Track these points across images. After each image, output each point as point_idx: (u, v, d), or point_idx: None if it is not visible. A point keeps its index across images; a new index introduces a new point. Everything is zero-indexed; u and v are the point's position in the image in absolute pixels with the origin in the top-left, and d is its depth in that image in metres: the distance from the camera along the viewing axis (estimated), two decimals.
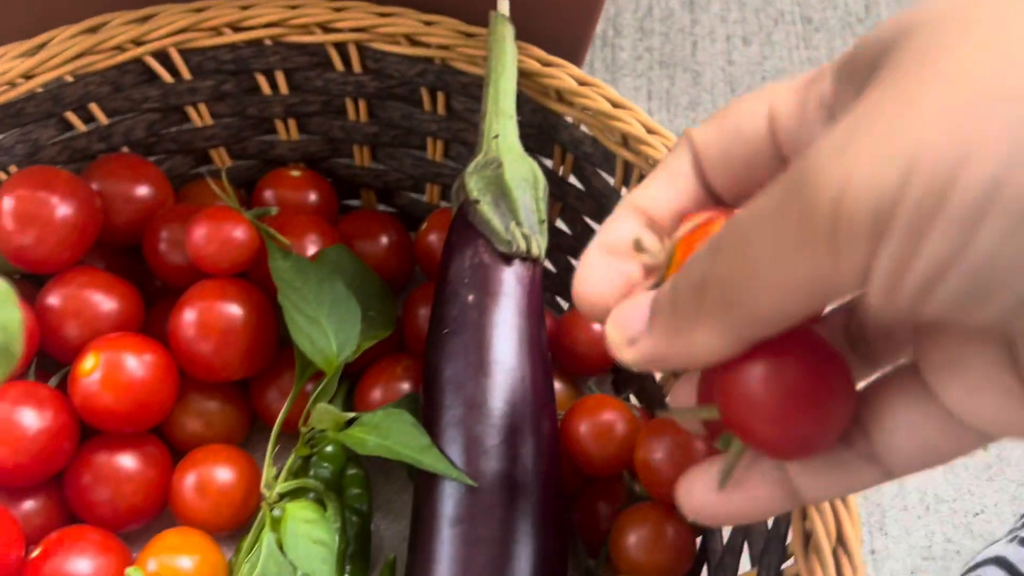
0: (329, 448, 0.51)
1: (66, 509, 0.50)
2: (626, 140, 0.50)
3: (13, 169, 0.53)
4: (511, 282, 0.49)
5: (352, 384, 0.55)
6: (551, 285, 0.61)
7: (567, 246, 0.58)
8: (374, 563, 0.51)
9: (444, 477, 0.45)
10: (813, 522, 0.39)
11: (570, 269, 0.59)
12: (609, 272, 0.31)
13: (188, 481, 0.49)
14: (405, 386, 0.52)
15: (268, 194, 0.58)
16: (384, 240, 0.58)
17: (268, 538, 0.44)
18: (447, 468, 0.44)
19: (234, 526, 0.50)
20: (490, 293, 0.49)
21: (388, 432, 0.47)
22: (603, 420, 0.49)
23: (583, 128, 0.53)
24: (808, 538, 0.39)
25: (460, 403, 0.47)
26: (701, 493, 0.30)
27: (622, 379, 0.59)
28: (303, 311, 0.49)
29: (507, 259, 0.50)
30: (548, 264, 0.61)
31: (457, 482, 0.44)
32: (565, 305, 0.62)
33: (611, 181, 0.53)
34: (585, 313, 0.31)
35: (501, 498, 0.44)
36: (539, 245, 0.50)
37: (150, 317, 0.54)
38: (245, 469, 0.51)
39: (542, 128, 0.54)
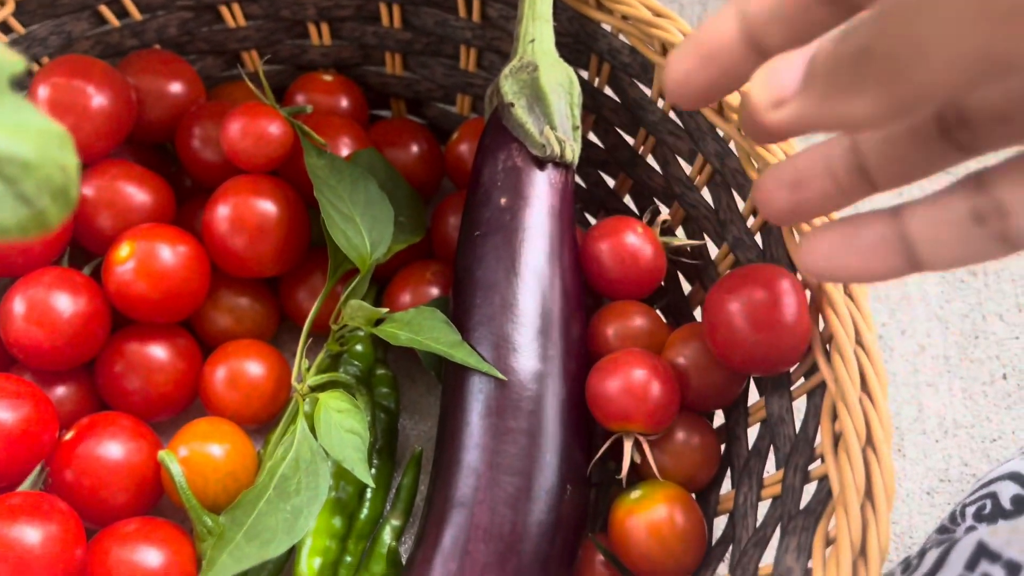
0: (359, 347, 0.51)
1: (97, 397, 0.51)
2: (666, 49, 0.50)
3: (46, 60, 0.53)
4: (544, 186, 0.49)
5: (380, 290, 0.55)
6: (581, 199, 0.61)
7: (598, 160, 0.58)
8: (400, 460, 0.52)
9: (474, 372, 0.45)
10: (843, 423, 0.39)
11: (600, 184, 0.59)
12: (708, 59, 0.29)
13: (219, 374, 0.50)
14: (434, 290, 0.53)
15: (300, 98, 0.58)
16: (415, 149, 0.58)
17: (301, 424, 0.45)
18: (478, 361, 0.45)
19: (263, 419, 0.51)
20: (523, 196, 0.49)
21: (419, 328, 0.47)
22: (632, 324, 0.49)
23: (621, 37, 0.52)
24: (838, 439, 0.40)
25: (491, 303, 0.47)
26: (825, 250, 0.30)
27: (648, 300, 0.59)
28: (338, 208, 0.49)
29: (540, 163, 0.50)
30: (579, 180, 0.61)
31: (487, 377, 0.45)
32: (593, 221, 0.62)
33: (648, 92, 0.53)
34: (676, 92, 0.30)
35: (530, 393, 0.45)
36: (573, 150, 0.50)
37: (181, 215, 0.55)
38: (275, 364, 0.51)
39: (578, 37, 0.54)
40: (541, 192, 0.49)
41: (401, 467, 0.52)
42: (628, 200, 0.58)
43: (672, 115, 0.52)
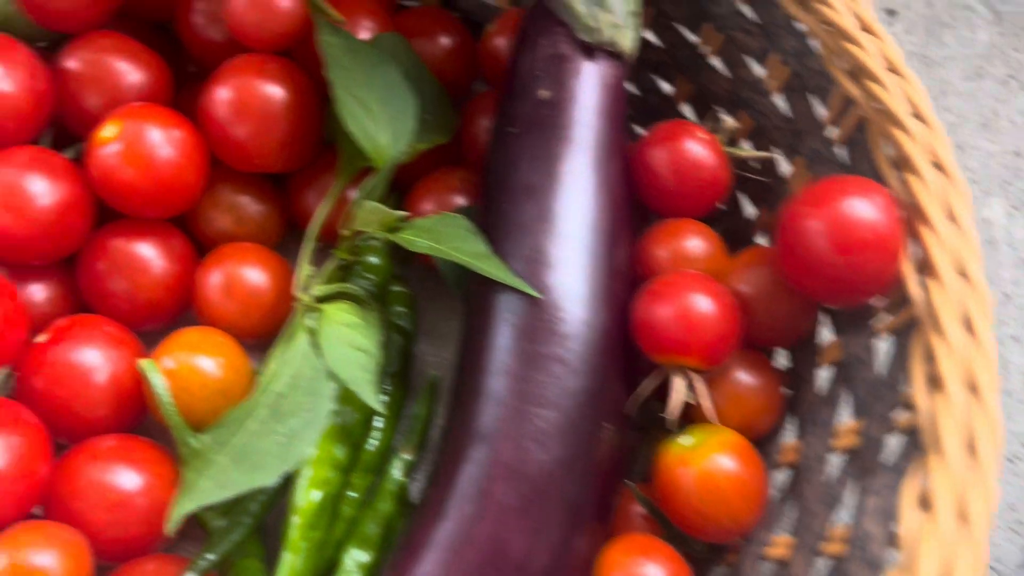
0: (374, 258, 0.45)
1: (78, 299, 0.45)
2: None
3: None
4: (592, 78, 0.43)
5: (400, 198, 0.49)
6: (630, 108, 0.54)
7: (653, 61, 0.51)
8: (414, 388, 0.46)
9: (502, 288, 0.39)
10: (941, 364, 0.33)
11: (653, 90, 0.52)
12: None
13: (214, 279, 0.44)
14: (460, 199, 0.46)
15: None
16: (445, 41, 0.51)
17: (302, 339, 0.39)
18: (508, 275, 0.39)
19: (262, 333, 0.45)
20: (567, 88, 0.42)
21: (441, 235, 0.41)
22: (688, 246, 0.42)
23: None
24: (933, 384, 0.33)
25: (525, 210, 0.41)
26: None
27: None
28: (353, 93, 0.42)
29: (589, 51, 0.43)
30: (628, 87, 0.54)
31: (517, 294, 0.39)
32: (643, 133, 0.55)
33: None
34: None
35: (567, 315, 0.39)
36: (629, 38, 0.43)
37: (179, 103, 0.48)
38: (277, 271, 0.45)
39: None
40: (589, 85, 0.42)
41: (415, 396, 0.46)
42: (686, 110, 0.51)
43: (743, 7, 0.45)
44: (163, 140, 0.42)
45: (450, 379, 0.42)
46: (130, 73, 0.45)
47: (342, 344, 0.39)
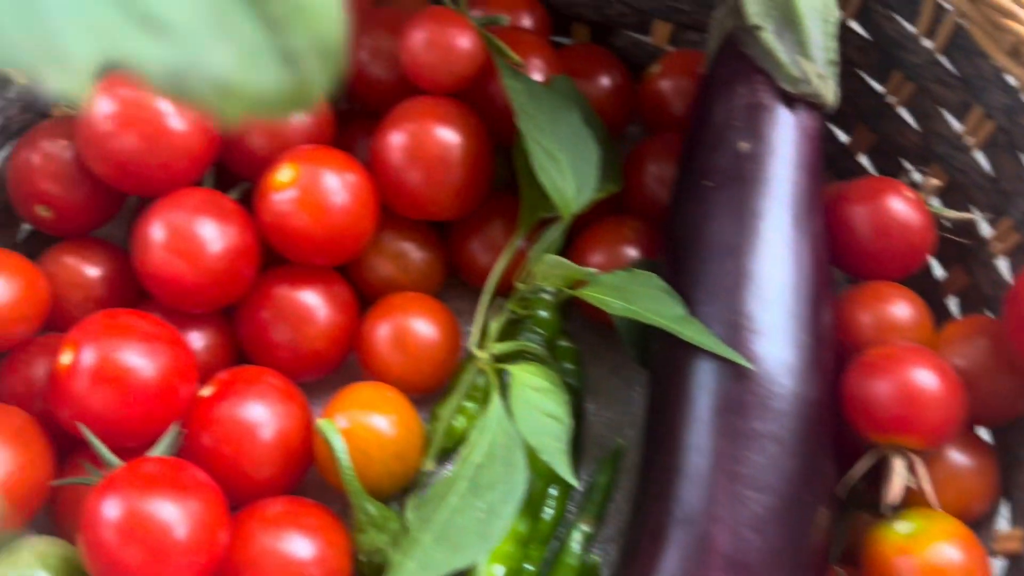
0: (543, 313, 0.43)
1: (236, 348, 0.43)
2: None
3: None
4: (794, 130, 0.40)
5: (565, 248, 0.46)
6: None
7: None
8: (582, 450, 0.43)
9: (703, 356, 0.36)
10: None
11: (830, 140, 0.49)
12: None
13: (382, 330, 0.42)
14: (633, 251, 0.44)
15: (474, 12, 0.49)
16: (605, 81, 0.49)
17: (496, 403, 0.36)
18: (713, 342, 0.36)
19: (430, 388, 0.43)
20: (768, 140, 0.40)
21: (634, 296, 0.38)
22: (894, 312, 0.39)
23: None
24: None
25: (725, 271, 0.38)
26: None
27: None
28: (540, 141, 0.40)
29: (791, 101, 0.40)
30: None
31: (722, 364, 0.36)
32: None
33: (911, 28, 0.43)
34: None
35: (780, 388, 0.36)
36: (831, 88, 0.41)
37: (336, 144, 0.46)
38: (447, 323, 0.43)
39: None
40: (790, 137, 0.40)
41: (585, 459, 0.43)
42: (864, 161, 0.48)
43: (943, 58, 0.43)
44: (339, 186, 0.40)
45: (638, 450, 0.39)
46: (296, 115, 0.42)
47: (533, 410, 0.37)
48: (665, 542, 0.35)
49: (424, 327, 0.42)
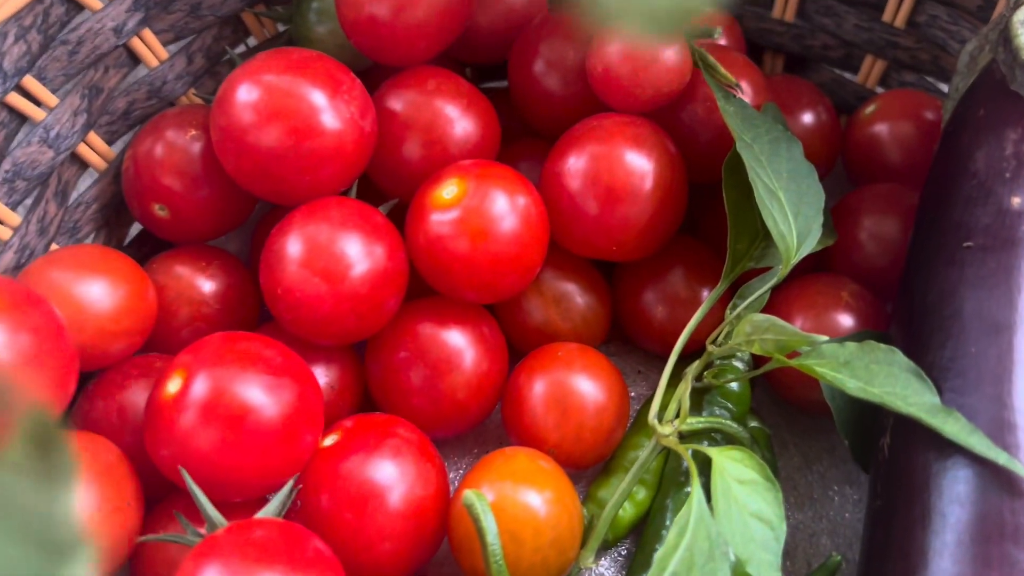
0: (734, 385, 0.35)
1: (363, 391, 0.36)
2: None
3: None
4: None
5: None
6: None
7: None
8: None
9: (961, 461, 0.29)
10: None
11: None
12: None
13: (539, 387, 0.35)
14: (849, 320, 0.36)
15: None
16: (809, 119, 0.42)
17: (699, 497, 0.29)
18: (984, 444, 0.28)
19: (590, 462, 0.35)
20: None
21: (871, 375, 0.31)
22: None
23: None
24: None
25: (992, 354, 0.30)
26: None
27: None
28: (760, 176, 0.33)
29: None
30: None
31: (987, 473, 0.28)
32: None
33: None
34: None
35: None
36: None
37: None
38: (615, 385, 0.35)
39: None
40: None
41: (792, 566, 0.35)
42: None
43: None
44: (508, 209, 0.33)
45: (857, 569, 0.31)
46: (459, 121, 0.36)
47: (739, 509, 0.29)
48: None
49: (590, 387, 0.35)
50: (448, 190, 0.33)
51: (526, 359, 0.36)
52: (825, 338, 0.32)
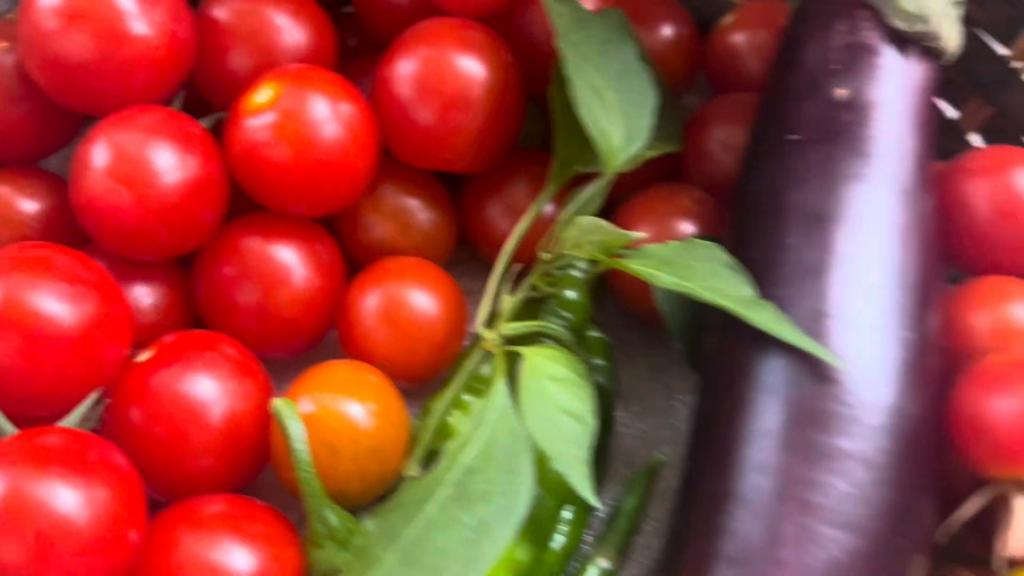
0: (571, 293, 0.35)
1: (191, 310, 0.35)
2: None
3: None
4: (906, 79, 0.32)
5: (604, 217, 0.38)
6: None
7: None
8: (608, 467, 0.35)
9: (774, 352, 0.28)
10: None
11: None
12: None
13: (371, 300, 0.34)
14: (691, 227, 0.36)
15: None
16: (667, 32, 0.41)
17: (501, 390, 0.28)
18: (793, 333, 0.28)
19: (425, 376, 0.34)
20: (873, 88, 0.31)
21: (690, 271, 0.30)
22: (1013, 315, 0.31)
23: None
24: None
25: (811, 245, 0.30)
26: None
27: None
28: (585, 75, 0.32)
29: (903, 44, 0.32)
30: None
31: (798, 362, 0.28)
32: None
33: None
34: None
35: (875, 398, 0.27)
36: (953, 34, 0.33)
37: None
38: (451, 297, 0.35)
39: None
40: (901, 87, 0.32)
41: (610, 477, 0.35)
42: (976, 139, 0.40)
43: None
44: (329, 115, 0.32)
45: (678, 472, 0.30)
46: (290, 31, 0.35)
47: (549, 405, 0.28)
48: None
49: (422, 299, 0.34)
50: (263, 94, 0.32)
51: (359, 274, 0.35)
52: (644, 235, 0.32)
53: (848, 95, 0.31)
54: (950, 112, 0.40)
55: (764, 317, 0.28)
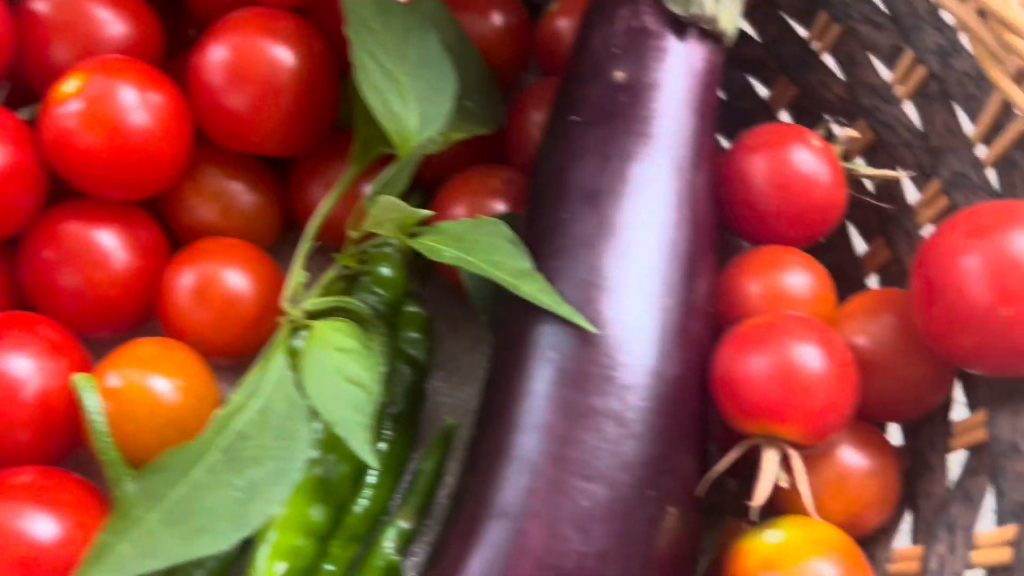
0: (386, 270, 0.36)
1: (16, 293, 0.37)
2: None
3: None
4: (683, 61, 0.34)
5: (426, 198, 0.40)
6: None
7: (749, 59, 0.42)
8: (423, 436, 0.37)
9: (545, 319, 0.30)
10: None
11: (747, 94, 0.42)
12: None
13: (185, 279, 0.35)
14: (501, 205, 0.37)
15: None
16: (497, 19, 0.43)
17: (280, 362, 0.30)
18: (555, 301, 0.30)
19: (240, 352, 0.36)
20: (650, 71, 0.33)
21: (474, 246, 0.32)
22: (789, 281, 0.33)
23: None
24: None
25: (585, 220, 0.31)
26: None
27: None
28: (379, 61, 0.34)
29: (681, 28, 0.34)
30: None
31: (566, 327, 0.30)
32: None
33: None
34: None
35: (629, 359, 0.29)
36: (731, 17, 0.34)
37: (173, 69, 0.40)
38: (265, 276, 0.36)
39: None
40: (678, 69, 0.33)
41: (423, 446, 0.36)
42: (785, 117, 0.42)
43: None
44: (136, 102, 0.34)
45: (469, 429, 0.32)
46: (111, 24, 0.36)
47: (332, 374, 0.30)
48: (475, 541, 0.28)
49: (236, 278, 0.35)
50: (70, 84, 0.34)
51: (176, 255, 0.36)
52: (431, 213, 0.33)
53: (626, 77, 0.33)
54: (762, 91, 0.42)
55: (532, 287, 0.30)
